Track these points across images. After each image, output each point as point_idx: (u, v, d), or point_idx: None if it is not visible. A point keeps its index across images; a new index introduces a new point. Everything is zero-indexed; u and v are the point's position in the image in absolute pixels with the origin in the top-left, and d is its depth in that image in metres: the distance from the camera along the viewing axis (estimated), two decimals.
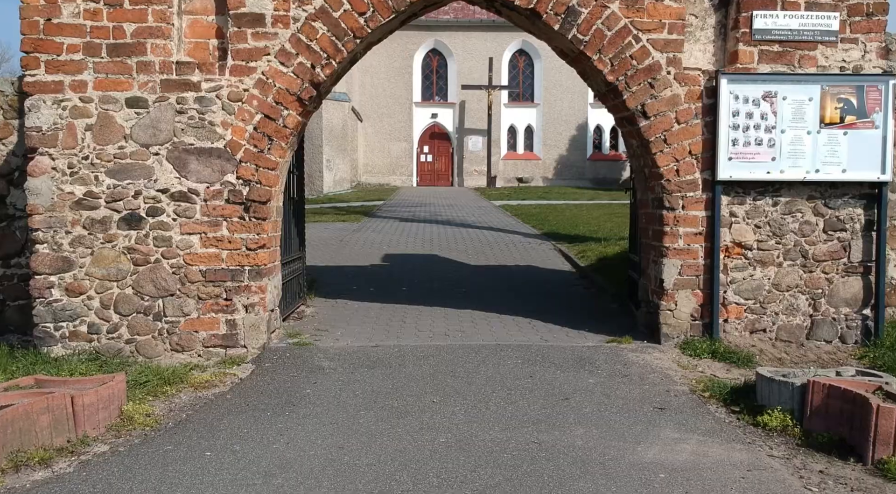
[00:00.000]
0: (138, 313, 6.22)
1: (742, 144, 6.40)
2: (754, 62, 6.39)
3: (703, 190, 6.50)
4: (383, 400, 5.10)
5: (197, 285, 6.25)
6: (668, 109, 6.44)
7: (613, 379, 5.60)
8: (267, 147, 6.30)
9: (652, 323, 6.74)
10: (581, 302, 8.77)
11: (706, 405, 5.09)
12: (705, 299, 6.52)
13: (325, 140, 33.31)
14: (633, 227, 8.53)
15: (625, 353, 6.30)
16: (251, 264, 6.30)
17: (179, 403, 5.19)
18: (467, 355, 6.20)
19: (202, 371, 5.88)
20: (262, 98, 6.25)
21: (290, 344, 6.54)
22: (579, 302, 8.77)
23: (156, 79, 6.16)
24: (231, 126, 6.24)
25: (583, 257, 11.72)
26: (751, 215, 6.51)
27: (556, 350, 6.35)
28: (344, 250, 13.30)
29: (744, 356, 6.14)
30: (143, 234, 6.21)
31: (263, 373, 5.78)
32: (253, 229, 6.30)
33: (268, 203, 6.34)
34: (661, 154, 6.49)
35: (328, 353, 6.28)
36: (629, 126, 6.73)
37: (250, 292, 6.30)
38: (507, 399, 5.11)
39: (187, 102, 6.20)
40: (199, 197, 6.25)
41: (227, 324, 6.28)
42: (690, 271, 6.52)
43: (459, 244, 14.43)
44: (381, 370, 5.81)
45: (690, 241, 6.52)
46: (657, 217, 6.65)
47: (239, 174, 6.27)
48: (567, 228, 16.53)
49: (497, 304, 8.51)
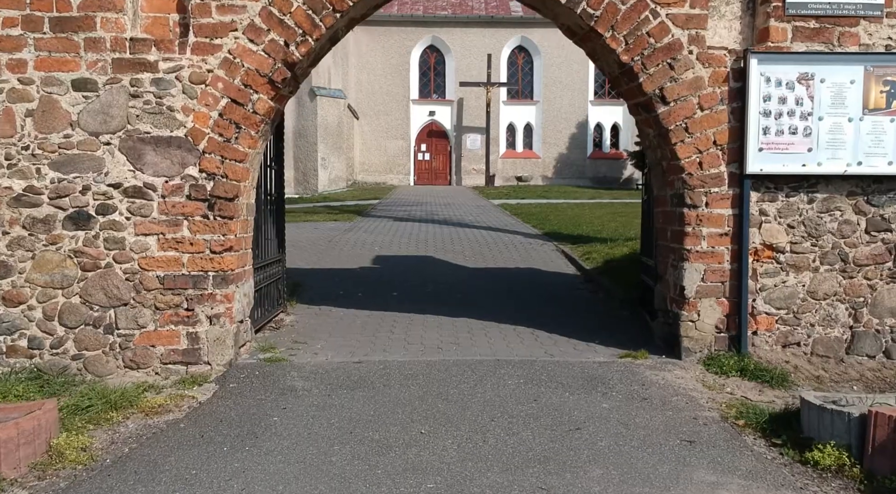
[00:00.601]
0: (87, 325, 5.46)
1: (774, 133, 5.64)
2: (787, 40, 5.63)
3: (729, 185, 5.73)
4: (362, 431, 4.33)
5: (154, 293, 5.48)
6: (689, 93, 5.68)
7: (631, 403, 4.83)
8: (234, 136, 5.53)
9: (671, 335, 5.97)
10: (588, 309, 8.00)
11: (742, 436, 4.32)
12: (732, 308, 5.76)
13: (320, 138, 32.55)
14: (646, 227, 7.78)
15: (641, 370, 5.53)
16: (216, 270, 5.53)
17: (124, 433, 4.42)
18: (462, 373, 5.43)
19: (157, 393, 5.12)
20: (229, 80, 5.49)
21: (261, 360, 5.77)
22: (586, 309, 8.01)
23: (107, 58, 5.40)
24: (193, 112, 5.47)
25: (588, 260, 10.95)
26: (783, 214, 5.75)
27: (564, 367, 5.59)
28: (333, 252, 12.53)
29: (777, 374, 5.38)
30: (92, 235, 5.44)
31: (226, 395, 5.01)
32: (218, 230, 5.54)
33: (235, 200, 5.58)
34: (681, 145, 5.73)
35: (303, 371, 5.51)
36: (645, 113, 5.96)
37: (215, 301, 5.53)
38: (509, 430, 4.34)
39: (143, 84, 5.44)
40: (157, 193, 5.48)
41: (189, 338, 5.52)
42: (715, 276, 5.76)
43: (456, 245, 13.66)
44: (363, 391, 5.05)
45: (715, 243, 5.76)
46: (677, 216, 5.89)
47: (202, 167, 5.50)
48: (569, 228, 15.76)
49: (496, 311, 7.75)
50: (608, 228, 15.04)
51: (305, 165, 32.79)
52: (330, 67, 33.52)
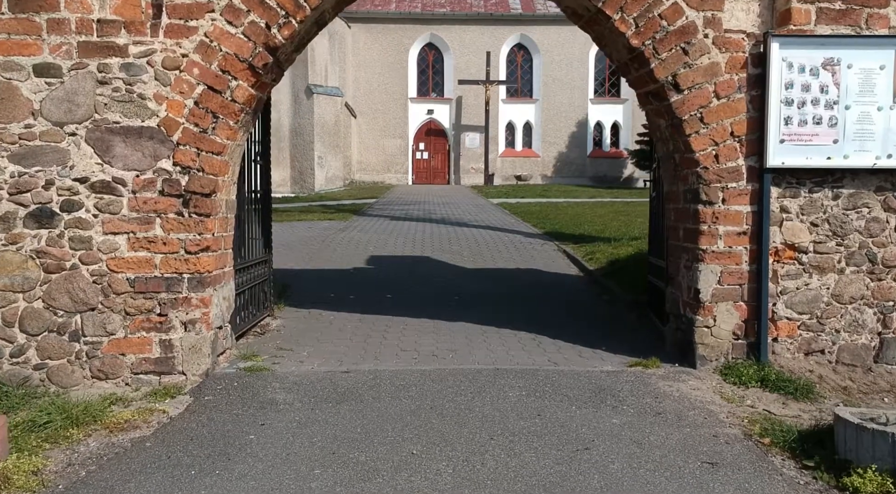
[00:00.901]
0: (50, 332, 5.02)
1: (797, 124, 5.21)
2: (811, 23, 5.20)
3: (747, 180, 5.30)
4: (347, 451, 3.89)
5: (124, 297, 5.04)
6: (705, 80, 5.25)
7: (644, 418, 4.39)
8: (211, 126, 5.09)
9: (684, 342, 5.54)
10: (593, 313, 7.56)
11: (769, 457, 3.89)
12: (750, 313, 5.33)
13: (317, 136, 32.14)
14: (654, 225, 7.35)
15: (653, 381, 5.09)
16: (191, 272, 5.09)
17: (84, 453, 3.98)
18: (459, 384, 4.99)
19: (125, 406, 4.68)
20: (205, 66, 5.05)
21: (241, 370, 5.32)
22: (591, 312, 7.57)
23: (72, 41, 4.96)
24: (166, 100, 5.03)
25: (591, 260, 10.50)
26: (806, 211, 5.32)
27: (569, 377, 5.15)
28: (326, 252, 12.08)
29: (802, 385, 4.94)
30: (56, 234, 5.00)
31: (200, 409, 4.57)
32: (193, 228, 5.10)
33: (213, 196, 5.14)
34: (696, 136, 5.29)
35: (286, 381, 5.07)
36: (656, 102, 5.53)
37: (190, 305, 5.10)
38: (510, 450, 3.90)
39: (111, 69, 5.00)
40: (127, 188, 5.04)
41: (162, 345, 5.08)
42: (732, 278, 5.32)
43: (454, 245, 13.22)
44: (350, 405, 4.60)
45: (732, 242, 5.32)
46: (691, 213, 5.45)
47: (176, 160, 5.06)
48: (570, 227, 15.31)
49: (495, 315, 7.31)
50: (611, 227, 14.61)
51: (302, 164, 32.36)
52: (327, 65, 33.09)
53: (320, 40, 32.17)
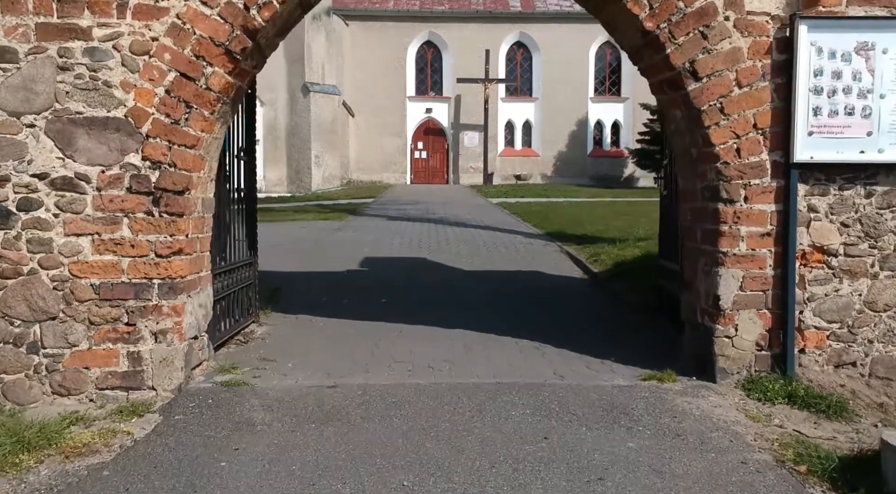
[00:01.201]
0: (6, 343, 4.55)
1: (827, 115, 4.76)
2: (842, 4, 4.75)
3: (772, 176, 4.85)
4: (329, 482, 3.43)
5: (88, 305, 4.58)
6: (725, 67, 4.79)
7: (662, 441, 3.94)
8: (184, 117, 4.63)
9: (702, 353, 5.08)
10: (599, 319, 7.10)
11: (806, 488, 3.43)
12: (775, 322, 4.88)
13: (314, 135, 31.66)
14: (665, 225, 6.93)
15: (671, 397, 4.63)
16: (162, 277, 4.63)
17: (33, 483, 3.52)
18: (457, 401, 4.53)
19: (86, 426, 4.21)
20: (177, 50, 4.59)
21: (217, 384, 4.86)
22: (597, 318, 7.11)
23: (29, 23, 4.50)
24: (134, 88, 4.57)
25: (595, 262, 10.04)
26: (836, 210, 4.86)
27: (578, 393, 4.68)
28: (319, 253, 11.61)
29: (834, 401, 4.48)
30: (12, 235, 4.54)
31: (169, 431, 4.11)
32: (164, 229, 4.64)
33: (186, 194, 4.68)
34: (716, 128, 4.84)
35: (267, 398, 4.61)
36: (672, 92, 5.07)
37: (161, 314, 4.63)
38: (514, 481, 3.44)
39: (74, 54, 4.54)
40: (91, 185, 4.58)
41: (129, 358, 4.62)
42: (755, 284, 4.87)
43: (452, 246, 12.75)
44: (335, 426, 4.14)
45: (755, 244, 4.87)
46: (710, 213, 4.99)
47: (145, 154, 4.60)
48: (572, 227, 14.85)
49: (496, 321, 6.85)
50: (614, 227, 14.15)
51: (299, 163, 31.88)
52: (324, 63, 32.62)
53: (317, 38, 31.75)
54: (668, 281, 6.60)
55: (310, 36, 31.17)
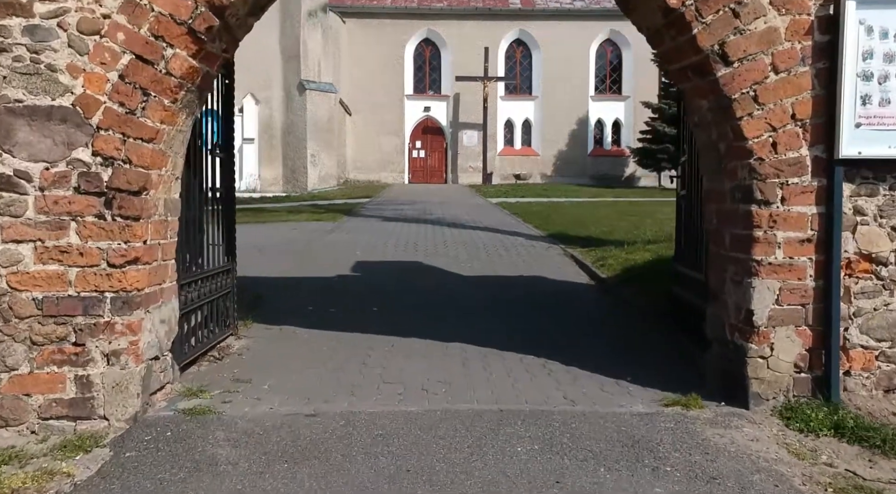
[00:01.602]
0: None
1: (877, 103, 4.17)
2: None
3: (813, 174, 4.26)
4: None
5: (29, 322, 3.98)
6: (760, 49, 4.20)
7: (695, 486, 3.34)
8: (140, 106, 4.04)
9: (732, 375, 4.48)
10: (610, 331, 6.50)
11: None
12: (816, 340, 4.28)
13: (310, 133, 31.07)
14: (682, 228, 6.33)
15: (699, 428, 4.03)
16: (115, 290, 4.03)
17: None
18: (454, 433, 3.93)
19: (21, 466, 3.61)
20: (132, 29, 3.99)
21: (180, 412, 4.25)
22: (608, 331, 6.51)
23: None
24: (83, 73, 3.98)
25: (603, 266, 9.43)
26: (886, 213, 4.27)
27: (592, 423, 4.08)
28: (309, 257, 11.00)
29: (891, 434, 3.88)
30: None
31: (116, 472, 3.51)
32: (118, 235, 4.04)
33: (143, 194, 4.08)
34: (749, 119, 4.25)
35: (235, 430, 4.00)
36: (697, 78, 4.47)
37: (114, 332, 4.03)
38: None
39: (11, 33, 3.94)
40: (33, 184, 3.98)
41: (77, 383, 4.02)
42: (794, 297, 4.28)
43: (450, 249, 12.15)
44: (311, 466, 3.54)
45: (794, 252, 4.27)
46: (741, 215, 4.40)
47: (96, 149, 4.00)
48: (575, 228, 14.25)
49: (497, 333, 6.26)
50: (619, 228, 13.56)
51: (294, 162, 31.29)
52: (320, 60, 32.02)
53: (313, 34, 31.15)
54: (684, 289, 6.00)
55: (306, 32, 30.59)
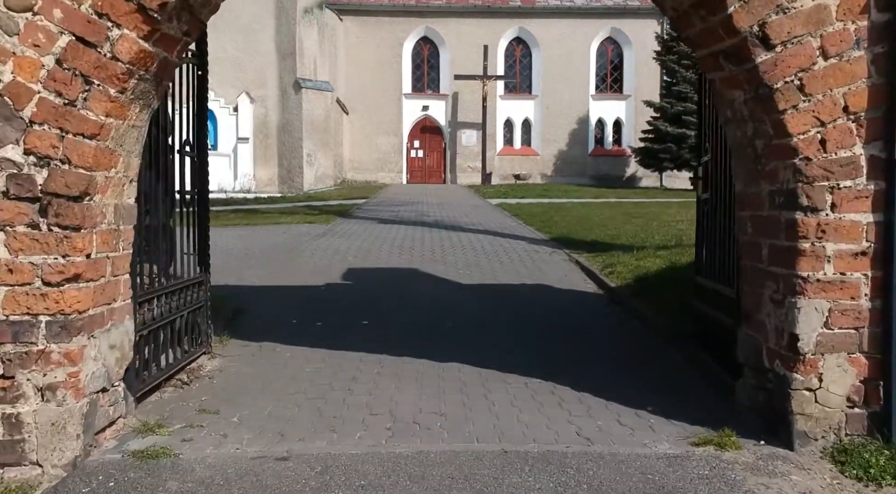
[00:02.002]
0: None
1: None
2: None
3: (869, 176, 3.65)
4: None
5: None
6: (807, 31, 3.60)
7: None
8: (82, 96, 3.43)
9: (772, 408, 3.88)
10: (624, 349, 5.90)
11: None
12: (872, 369, 3.68)
13: (306, 133, 30.48)
14: (704, 236, 5.73)
15: (739, 475, 3.42)
16: (52, 312, 3.43)
17: None
18: (450, 484, 3.32)
19: None
20: (71, 6, 3.38)
21: (129, 455, 3.63)
22: (621, 349, 5.91)
23: None
24: (13, 57, 3.37)
25: (611, 274, 8.82)
26: None
27: (614, 468, 3.47)
28: (296, 263, 10.39)
29: None
30: None
31: None
32: (55, 248, 3.43)
33: (86, 199, 3.48)
34: (793, 113, 3.64)
35: (191, 479, 3.39)
36: (732, 66, 3.87)
37: (49, 362, 3.43)
38: None
39: None
40: None
41: (5, 423, 3.41)
42: (846, 320, 3.67)
43: (448, 254, 11.55)
44: None
45: (846, 267, 3.67)
46: (783, 224, 3.79)
47: (29, 146, 3.40)
48: (579, 231, 13.65)
49: (499, 351, 5.67)
50: (626, 232, 12.97)
51: (290, 162, 30.71)
52: (316, 58, 31.43)
53: (309, 32, 30.57)
54: (707, 304, 5.40)
55: (301, 30, 30.01)
